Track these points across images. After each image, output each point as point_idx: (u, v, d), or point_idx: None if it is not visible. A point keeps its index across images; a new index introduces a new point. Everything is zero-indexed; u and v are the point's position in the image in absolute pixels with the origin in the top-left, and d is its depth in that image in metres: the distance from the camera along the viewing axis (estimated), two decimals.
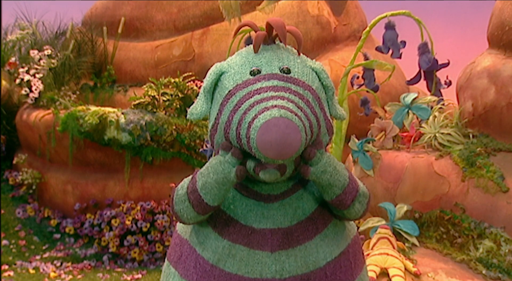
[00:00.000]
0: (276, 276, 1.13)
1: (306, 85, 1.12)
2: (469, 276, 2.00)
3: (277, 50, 1.16)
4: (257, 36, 1.16)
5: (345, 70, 2.59)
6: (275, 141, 1.00)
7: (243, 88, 1.10)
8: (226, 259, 1.15)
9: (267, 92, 1.07)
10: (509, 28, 2.31)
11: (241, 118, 1.06)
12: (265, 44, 1.17)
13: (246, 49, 1.19)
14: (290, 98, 1.07)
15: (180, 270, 1.21)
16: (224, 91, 1.13)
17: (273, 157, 1.01)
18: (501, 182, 2.15)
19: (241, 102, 1.08)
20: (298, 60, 1.16)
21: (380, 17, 2.55)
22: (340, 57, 3.77)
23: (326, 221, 1.18)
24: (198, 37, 3.97)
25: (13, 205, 3.66)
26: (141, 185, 3.46)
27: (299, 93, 1.09)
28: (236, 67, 1.15)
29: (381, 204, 2.34)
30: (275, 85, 1.09)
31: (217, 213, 1.17)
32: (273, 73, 1.11)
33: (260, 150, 1.01)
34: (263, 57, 1.14)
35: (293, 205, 1.16)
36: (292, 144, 1.00)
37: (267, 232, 1.14)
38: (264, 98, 1.06)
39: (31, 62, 3.85)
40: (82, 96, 4.02)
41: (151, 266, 3.27)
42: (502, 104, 2.28)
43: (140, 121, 3.27)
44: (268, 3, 2.82)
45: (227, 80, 1.14)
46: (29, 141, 3.74)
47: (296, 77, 1.12)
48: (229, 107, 1.10)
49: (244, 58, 1.16)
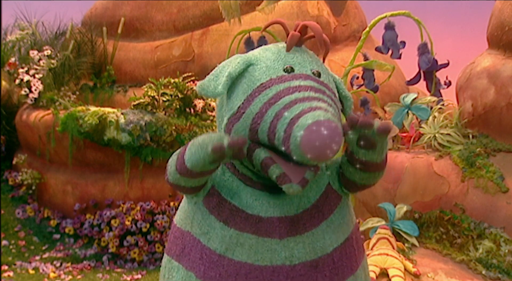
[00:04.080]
0: (286, 262, 1.14)
1: (333, 91, 1.15)
2: (468, 276, 2.00)
3: (306, 52, 1.18)
4: (292, 35, 1.17)
5: (345, 70, 2.59)
6: (322, 142, 0.99)
7: (279, 83, 1.10)
8: (235, 248, 1.15)
9: (307, 92, 1.07)
10: (509, 28, 2.31)
11: (279, 112, 1.05)
12: (296, 45, 1.18)
13: (274, 46, 1.20)
14: (328, 102, 1.08)
15: (184, 262, 1.20)
16: (254, 82, 1.12)
17: (312, 158, 1.01)
18: (501, 183, 2.15)
19: (278, 97, 1.08)
20: (323, 66, 1.19)
21: (380, 17, 2.55)
22: (339, 58, 3.77)
23: (331, 207, 1.19)
24: (198, 37, 3.97)
25: (13, 206, 3.66)
26: (141, 185, 3.46)
27: (332, 98, 1.11)
28: (268, 61, 1.15)
29: (381, 204, 2.34)
30: (313, 86, 1.09)
31: (221, 203, 1.17)
32: (307, 74, 1.12)
33: (303, 148, 1.00)
34: (295, 57, 1.15)
35: (297, 194, 1.16)
36: (334, 149, 1.00)
37: (274, 220, 1.14)
38: (306, 97, 1.06)
39: (30, 63, 3.86)
40: (82, 97, 4.03)
41: (150, 267, 3.27)
42: (501, 105, 2.28)
43: (139, 122, 3.27)
44: (268, 3, 2.82)
45: (259, 73, 1.13)
46: (29, 141, 3.74)
47: (326, 82, 1.14)
48: (262, 99, 1.09)
49: (276, 55, 1.16)
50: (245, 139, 1.04)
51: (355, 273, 1.21)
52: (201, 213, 1.19)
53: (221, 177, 1.19)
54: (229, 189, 1.18)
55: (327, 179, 1.20)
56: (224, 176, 1.19)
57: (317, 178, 1.19)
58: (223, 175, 1.19)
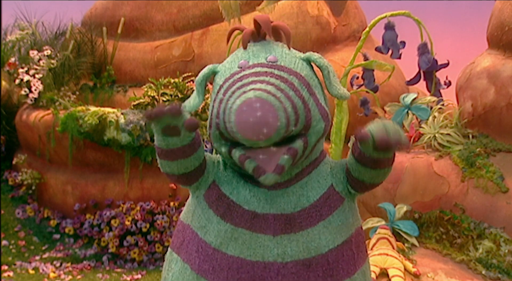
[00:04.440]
0: (278, 259, 1.14)
1: (292, 71, 1.15)
2: (468, 276, 2.00)
3: (267, 44, 1.20)
4: (245, 33, 1.20)
5: (345, 70, 2.58)
6: (250, 120, 1.02)
7: (229, 80, 1.14)
8: (229, 242, 1.16)
9: (248, 78, 1.10)
10: (509, 28, 2.31)
11: (225, 106, 1.09)
12: (254, 41, 1.21)
13: (238, 49, 1.24)
14: (270, 81, 1.09)
15: (182, 255, 1.22)
16: (216, 87, 1.18)
17: (251, 137, 1.03)
18: (501, 183, 2.15)
19: (226, 92, 1.12)
20: (286, 51, 1.19)
21: (380, 17, 2.55)
22: (339, 58, 3.77)
23: (331, 208, 1.19)
24: (198, 37, 3.97)
25: (13, 206, 3.66)
26: (141, 185, 3.46)
27: (282, 77, 1.12)
28: (227, 64, 1.20)
29: (381, 204, 2.34)
30: (258, 71, 1.12)
31: (220, 197, 1.18)
32: (258, 62, 1.15)
33: (239, 131, 1.03)
34: (251, 51, 1.19)
35: (297, 193, 1.17)
36: (268, 123, 1.02)
37: (270, 217, 1.15)
38: (244, 84, 1.09)
39: (30, 63, 3.85)
40: (82, 97, 4.02)
41: (150, 267, 3.27)
42: (501, 105, 2.28)
43: (139, 122, 3.27)
44: (268, 3, 2.82)
45: (219, 78, 1.19)
46: (29, 141, 3.74)
47: (282, 64, 1.15)
48: (218, 100, 1.14)
49: (234, 56, 1.21)
50: (178, 102, 1.11)
51: (352, 277, 1.20)
52: (201, 207, 1.21)
53: (223, 172, 1.21)
54: (229, 184, 1.19)
55: (330, 181, 1.20)
56: (225, 171, 1.21)
57: (320, 179, 1.19)
58: (225, 171, 1.21)
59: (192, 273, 1.19)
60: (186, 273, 1.20)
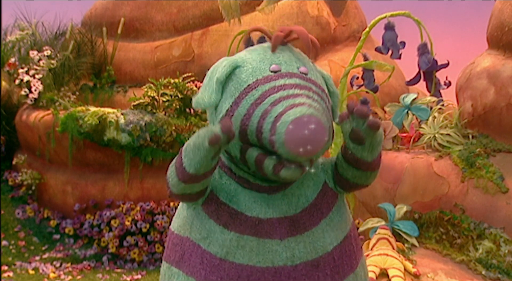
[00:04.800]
0: (288, 263, 1.14)
1: (321, 87, 1.15)
2: (468, 276, 2.00)
3: (295, 53, 1.19)
4: (276, 36, 1.17)
5: (345, 70, 2.58)
6: (305, 137, 1.00)
7: (265, 83, 1.11)
8: (235, 251, 1.14)
9: (292, 89, 1.08)
10: (509, 28, 2.31)
11: (265, 111, 1.06)
12: (281, 45, 1.19)
13: (260, 47, 1.20)
14: (314, 98, 1.09)
15: (184, 268, 1.20)
16: (242, 84, 1.13)
17: (299, 154, 1.02)
18: (501, 183, 2.15)
19: (264, 96, 1.08)
20: (311, 64, 1.19)
21: (380, 17, 2.55)
22: (339, 58, 3.77)
23: (329, 205, 1.19)
24: (198, 37, 3.97)
25: (13, 206, 3.66)
26: (141, 185, 3.46)
27: (319, 94, 1.12)
28: (254, 62, 1.15)
29: (381, 204, 2.34)
30: (299, 83, 1.10)
31: (219, 206, 1.17)
32: (293, 72, 1.13)
33: (287, 145, 1.01)
34: (281, 56, 1.16)
35: (295, 194, 1.17)
36: (319, 143, 1.02)
37: (274, 221, 1.15)
38: (290, 95, 1.07)
39: (30, 63, 3.85)
40: (82, 97, 4.02)
41: (150, 267, 3.27)
42: (501, 105, 2.28)
43: (139, 122, 3.27)
44: (268, 3, 2.82)
45: (245, 74, 1.14)
46: (29, 141, 3.74)
47: (313, 79, 1.15)
48: (249, 100, 1.10)
49: (261, 55, 1.17)
50: (229, 119, 1.06)
51: (355, 271, 1.22)
52: (200, 218, 1.19)
53: (219, 181, 1.19)
54: (227, 192, 1.18)
55: (323, 177, 1.21)
56: (222, 180, 1.19)
57: (314, 177, 1.20)
58: (221, 179, 1.19)
59: None
60: None
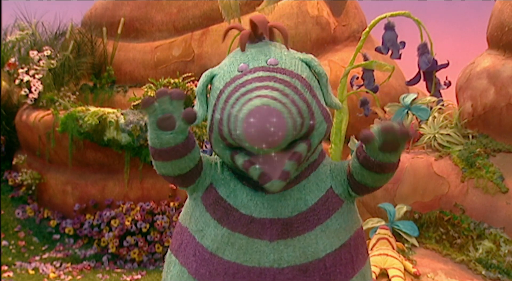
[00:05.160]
0: (274, 265, 1.13)
1: (294, 73, 1.13)
2: (468, 276, 2.00)
3: (264, 46, 1.18)
4: (242, 35, 1.18)
5: (345, 70, 2.58)
6: (258, 129, 1.00)
7: (230, 85, 1.12)
8: (225, 247, 1.15)
9: (251, 84, 1.08)
10: (509, 28, 2.31)
11: (229, 113, 1.07)
12: (251, 42, 1.19)
13: (235, 51, 1.22)
14: (275, 87, 1.07)
15: (180, 258, 1.21)
16: (216, 91, 1.15)
17: (260, 146, 1.01)
18: (501, 183, 2.15)
19: (228, 98, 1.10)
20: (285, 53, 1.18)
21: (380, 17, 2.54)
22: (339, 58, 3.77)
23: (329, 212, 1.17)
24: (198, 37, 3.97)
25: (13, 206, 3.66)
26: (141, 185, 3.46)
27: (285, 81, 1.10)
28: (225, 67, 1.17)
29: (381, 204, 2.34)
30: (260, 76, 1.10)
31: (217, 201, 1.17)
32: (259, 66, 1.13)
33: (246, 140, 1.02)
34: (249, 54, 1.16)
35: (294, 197, 1.15)
36: (276, 131, 1.01)
37: (266, 222, 1.14)
38: (248, 90, 1.07)
39: (30, 63, 3.86)
40: (82, 97, 4.03)
41: (150, 267, 3.27)
42: (501, 105, 2.28)
43: (139, 122, 3.27)
44: (268, 3, 2.82)
45: (218, 81, 1.16)
46: (29, 141, 3.74)
47: (283, 67, 1.13)
48: (220, 105, 1.12)
49: (232, 58, 1.18)
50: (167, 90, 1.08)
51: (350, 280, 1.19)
52: (199, 209, 1.20)
53: (220, 175, 1.19)
54: (226, 187, 1.18)
55: (329, 183, 1.19)
56: (223, 174, 1.19)
57: (319, 182, 1.18)
58: (222, 174, 1.19)
59: (190, 277, 1.18)
60: (184, 277, 1.19)
